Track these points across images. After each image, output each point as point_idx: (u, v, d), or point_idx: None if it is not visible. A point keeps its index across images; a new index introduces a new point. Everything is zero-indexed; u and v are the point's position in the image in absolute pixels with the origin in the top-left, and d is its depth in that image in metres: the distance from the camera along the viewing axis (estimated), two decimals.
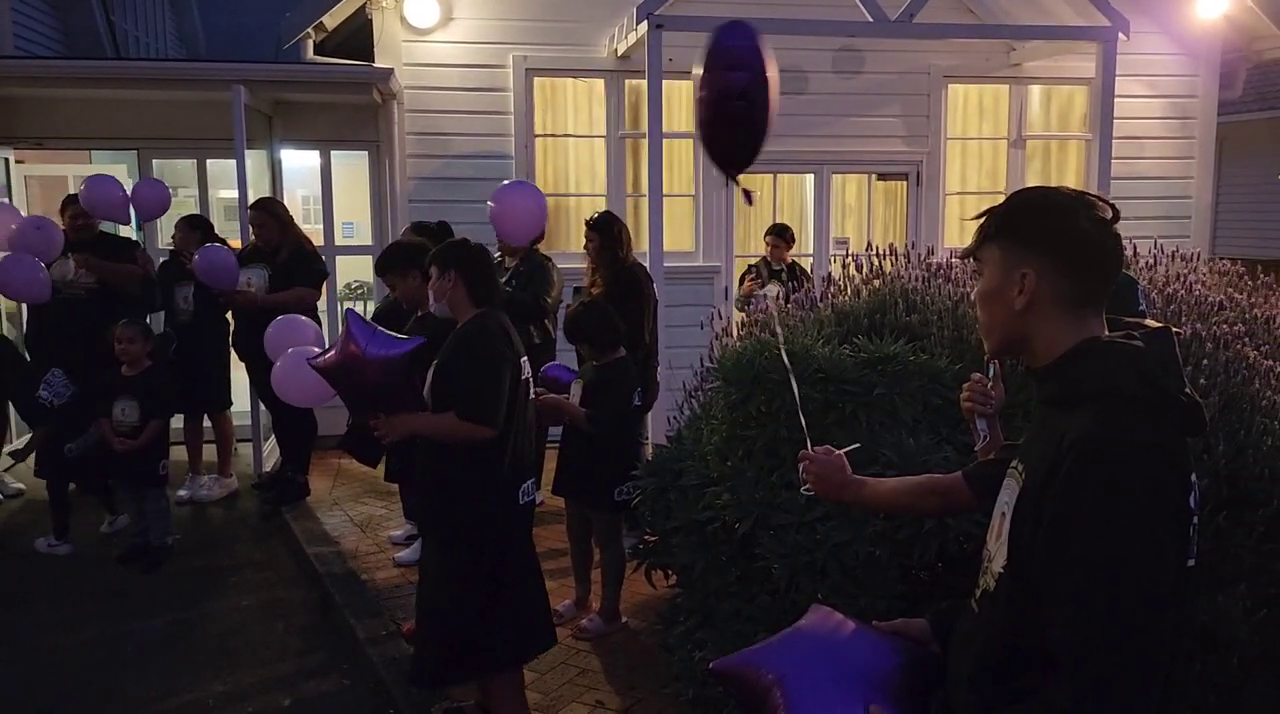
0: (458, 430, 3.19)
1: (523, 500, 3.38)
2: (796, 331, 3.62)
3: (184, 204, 8.13)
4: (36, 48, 10.16)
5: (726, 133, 2.50)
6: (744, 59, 2.42)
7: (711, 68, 2.48)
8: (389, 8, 7.15)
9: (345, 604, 4.75)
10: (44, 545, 5.53)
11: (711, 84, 2.46)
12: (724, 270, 7.83)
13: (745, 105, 2.42)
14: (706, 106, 2.48)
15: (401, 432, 3.28)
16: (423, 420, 3.25)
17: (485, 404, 3.17)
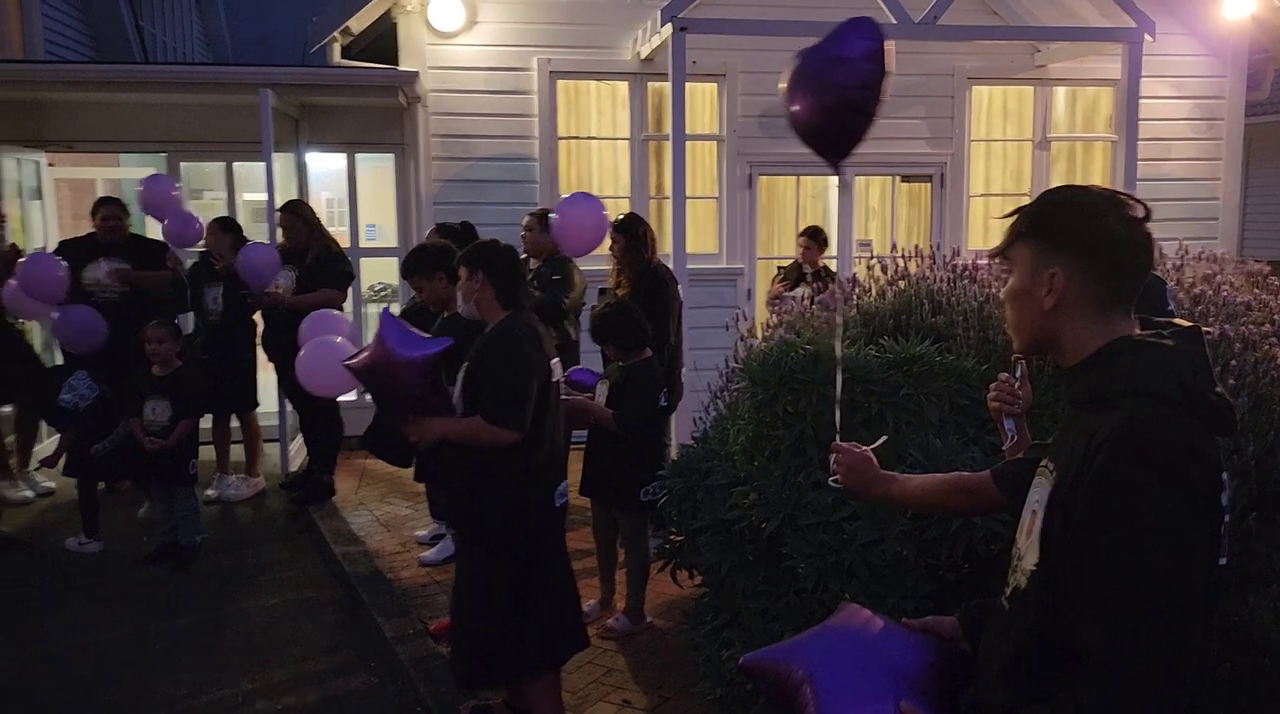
0: (484, 434, 3.20)
1: (558, 503, 3.39)
2: (822, 332, 3.63)
3: (212, 207, 8.23)
4: (66, 52, 10.32)
5: (850, 121, 2.55)
6: (875, 53, 2.48)
7: (845, 58, 2.52)
8: (414, 11, 7.21)
9: (372, 603, 4.79)
10: (74, 544, 5.60)
11: (845, 73, 2.50)
12: (747, 272, 7.84)
13: (869, 96, 2.48)
14: (832, 94, 2.52)
15: (431, 436, 3.30)
16: (450, 425, 3.27)
17: (512, 407, 3.18)
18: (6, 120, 7.12)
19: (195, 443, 5.45)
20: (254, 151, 6.63)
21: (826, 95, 2.54)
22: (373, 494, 6.45)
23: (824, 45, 2.58)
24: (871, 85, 2.49)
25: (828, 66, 2.53)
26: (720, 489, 3.42)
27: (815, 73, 2.57)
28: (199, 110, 7.39)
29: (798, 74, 2.60)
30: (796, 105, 2.60)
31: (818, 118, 2.58)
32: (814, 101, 2.57)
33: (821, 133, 2.62)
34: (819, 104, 2.56)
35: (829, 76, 2.53)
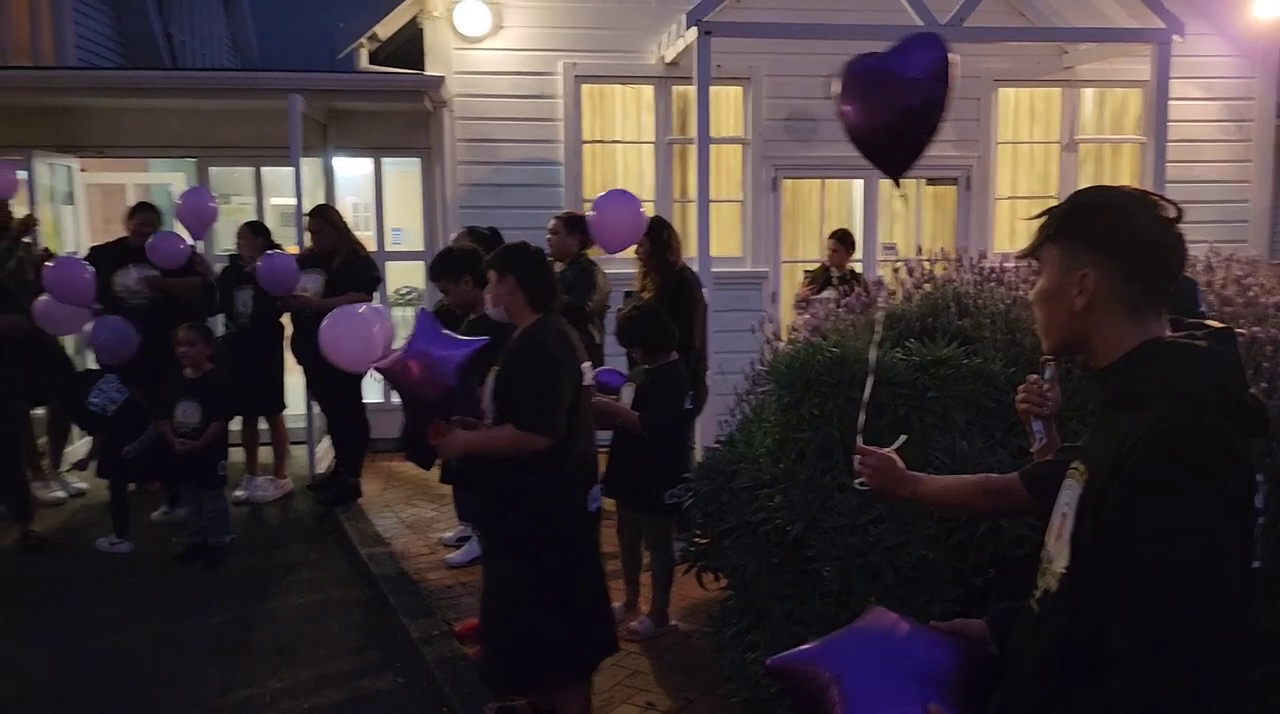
0: (516, 443, 3.16)
1: (591, 507, 3.35)
2: (848, 336, 3.63)
3: (240, 211, 8.32)
4: (97, 58, 10.47)
5: (915, 140, 2.57)
6: (941, 72, 2.50)
7: (912, 78, 2.53)
8: (440, 17, 7.27)
9: (398, 604, 4.82)
10: (105, 544, 5.68)
11: (911, 94, 2.52)
12: (771, 275, 7.83)
13: (934, 113, 2.49)
14: (897, 111, 2.53)
15: (459, 450, 3.27)
16: (475, 438, 3.25)
17: (544, 413, 3.15)
18: (40, 126, 7.24)
19: (225, 445, 5.52)
20: (282, 156, 6.70)
21: (892, 114, 2.54)
22: (398, 496, 6.50)
23: (888, 60, 2.57)
24: (937, 104, 2.50)
25: (893, 85, 2.52)
26: (746, 492, 3.42)
27: (879, 89, 2.56)
28: (228, 116, 7.47)
29: (858, 86, 2.59)
30: (857, 118, 2.60)
31: (881, 136, 2.59)
32: (878, 119, 2.57)
33: (883, 149, 2.62)
34: (883, 122, 2.55)
35: (895, 96, 2.52)
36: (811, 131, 7.73)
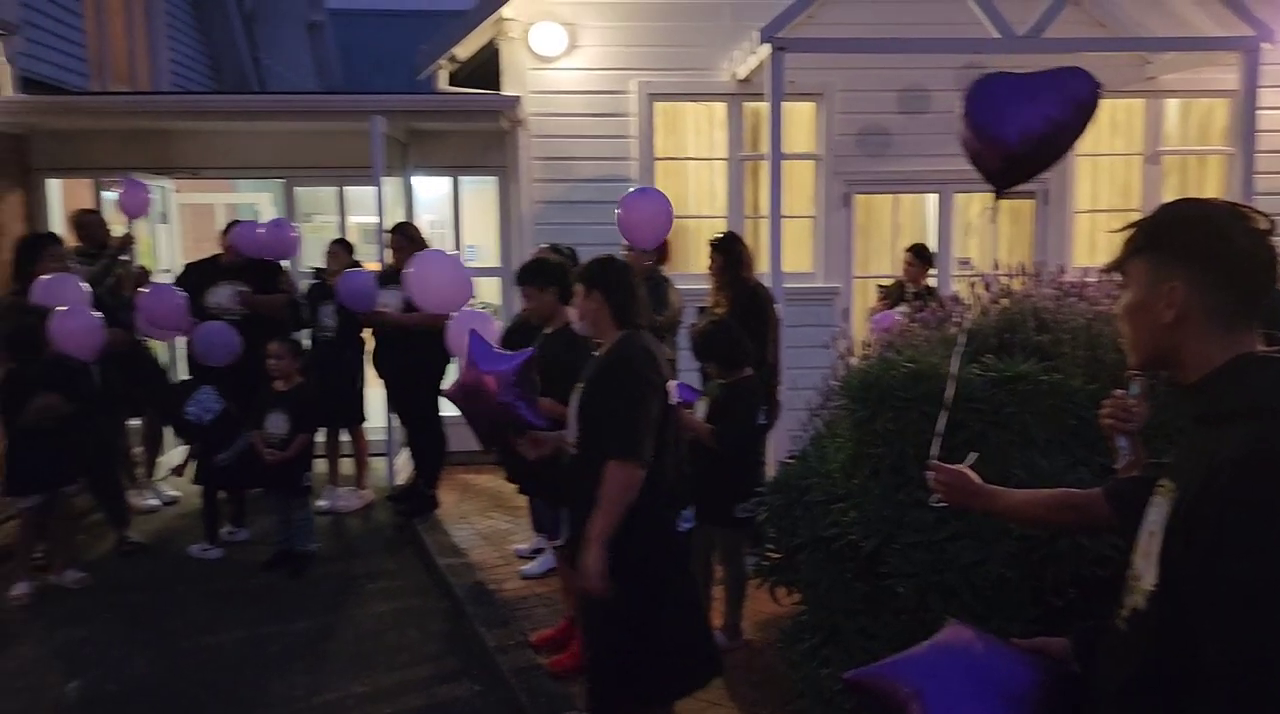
0: (620, 487, 3.07)
1: (681, 527, 3.31)
2: (922, 351, 3.61)
3: (324, 229, 8.58)
4: (189, 83, 10.91)
5: (1039, 166, 2.60)
6: (1087, 108, 2.54)
7: (1063, 102, 2.58)
8: (517, 38, 7.42)
9: (475, 614, 4.91)
10: (197, 550, 5.90)
11: (1057, 125, 2.57)
12: (844, 291, 7.79)
13: (1066, 140, 2.53)
14: (1032, 137, 2.57)
15: (597, 558, 3.08)
16: (599, 525, 3.09)
17: (633, 441, 3.10)
18: (138, 148, 7.57)
19: (310, 456, 5.70)
20: (364, 176, 6.91)
21: (1025, 145, 2.56)
22: (474, 508, 6.62)
23: (1030, 90, 2.59)
24: (1073, 135, 2.53)
25: (1033, 120, 2.55)
26: (819, 506, 3.42)
27: (1015, 118, 2.58)
28: (312, 137, 7.73)
29: (996, 109, 2.61)
30: (987, 141, 2.61)
31: (1004, 163, 2.61)
32: (1007, 148, 2.59)
33: (1001, 173, 2.65)
34: (1010, 153, 2.58)
35: (1032, 129, 2.54)
36: (884, 146, 7.70)
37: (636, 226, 5.28)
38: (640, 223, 5.28)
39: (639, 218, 5.29)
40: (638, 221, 5.28)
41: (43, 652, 4.76)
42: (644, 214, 5.29)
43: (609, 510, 3.09)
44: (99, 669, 4.55)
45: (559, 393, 3.92)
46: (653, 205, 5.34)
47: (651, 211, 5.31)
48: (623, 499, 3.10)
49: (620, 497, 3.10)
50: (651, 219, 5.28)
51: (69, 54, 8.03)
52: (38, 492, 5.34)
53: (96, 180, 7.68)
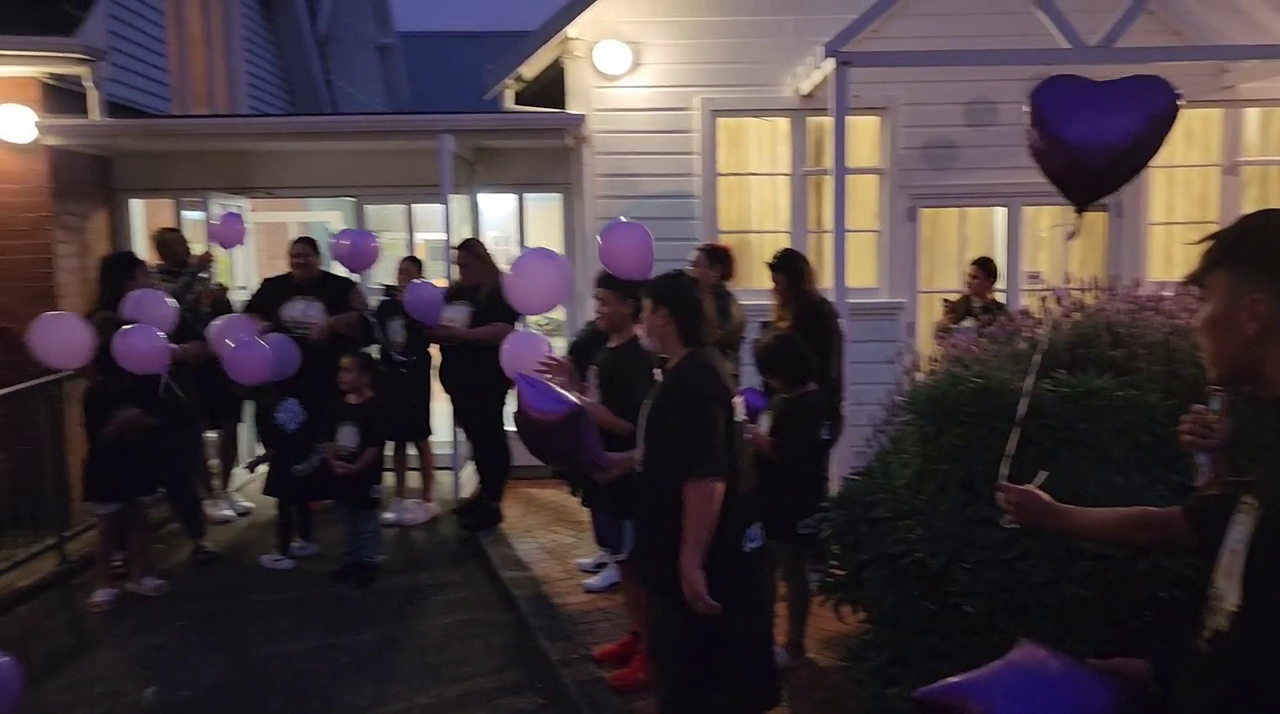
0: (702, 505, 3.06)
1: (748, 546, 3.25)
2: (991, 366, 3.56)
3: (392, 246, 8.74)
4: (266, 105, 11.24)
5: (1118, 180, 2.59)
6: (1167, 118, 2.52)
7: (1147, 114, 2.56)
8: (582, 57, 7.51)
9: (538, 627, 4.94)
10: (269, 561, 6.03)
11: (1134, 135, 2.55)
12: (909, 306, 7.70)
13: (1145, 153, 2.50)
14: (1110, 150, 2.55)
15: (697, 579, 3.06)
16: (690, 547, 3.09)
17: (705, 457, 3.09)
18: (216, 169, 7.82)
19: (379, 469, 5.80)
20: (432, 194, 7.03)
21: (1104, 160, 2.53)
22: (538, 522, 6.66)
23: (1107, 98, 2.56)
24: (1152, 147, 2.49)
25: (1144, 130, 2.52)
26: (884, 523, 3.38)
27: (1093, 132, 2.55)
28: (382, 156, 7.89)
29: (1071, 122, 2.58)
30: (1063, 155, 2.58)
31: (1083, 177, 2.58)
32: (1087, 160, 2.56)
33: (1079, 189, 2.62)
34: (1090, 166, 2.55)
35: (1133, 139, 2.52)
36: (950, 160, 7.61)
37: (618, 257, 5.10)
38: (622, 254, 5.04)
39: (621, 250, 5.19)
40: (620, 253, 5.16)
41: (121, 657, 4.91)
42: (624, 246, 5.03)
43: (696, 530, 3.08)
44: (175, 675, 4.68)
45: (622, 408, 3.95)
46: (632, 239, 5.08)
47: (631, 244, 5.05)
48: (708, 516, 3.09)
49: (704, 514, 3.09)
50: (631, 251, 5.08)
51: (152, 79, 8.33)
52: (115, 500, 5.52)
53: (176, 200, 7.94)
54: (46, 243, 6.87)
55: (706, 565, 3.11)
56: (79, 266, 7.17)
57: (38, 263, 6.84)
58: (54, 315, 5.59)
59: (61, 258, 6.97)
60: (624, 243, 5.02)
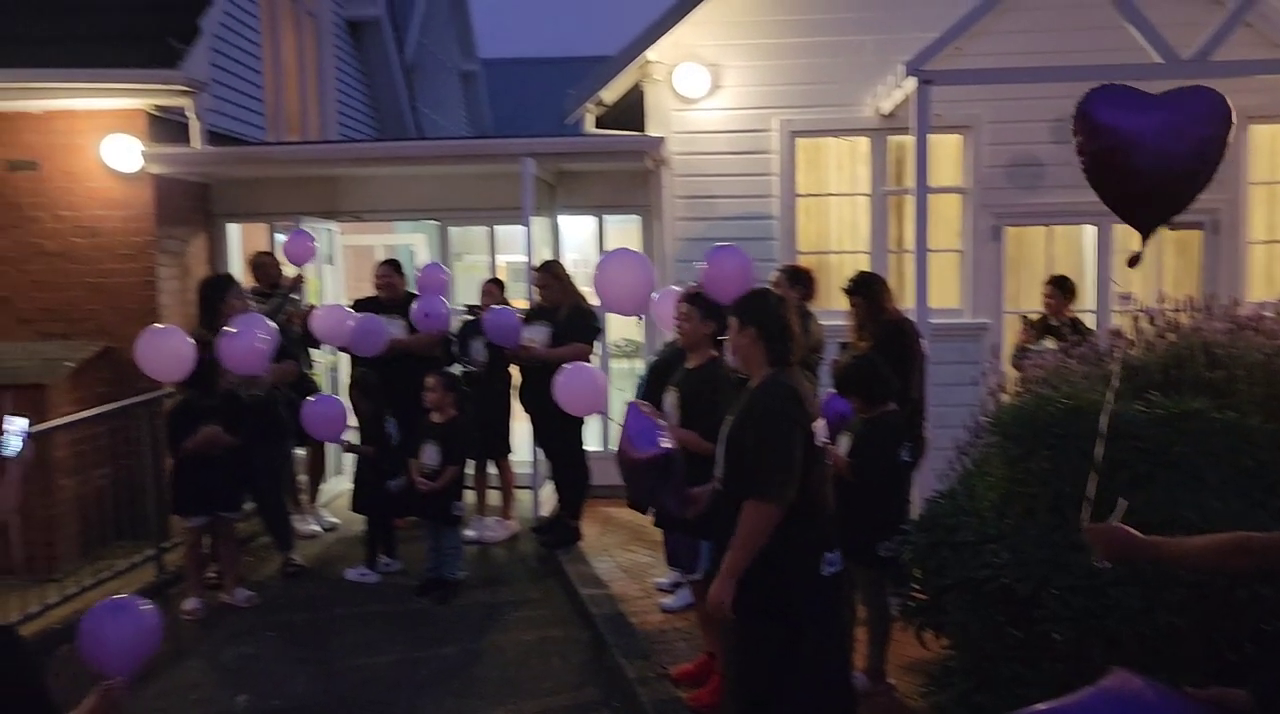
0: (755, 526, 3.09)
1: (826, 570, 3.23)
2: (1080, 387, 3.47)
3: (475, 268, 8.92)
4: (354, 132, 11.59)
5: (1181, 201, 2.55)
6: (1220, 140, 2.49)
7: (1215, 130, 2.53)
8: (661, 80, 7.59)
9: (616, 645, 4.96)
10: (354, 575, 6.17)
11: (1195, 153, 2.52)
12: (993, 327, 7.55)
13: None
14: (1180, 173, 2.52)
15: (728, 589, 3.13)
16: (731, 560, 3.15)
17: (774, 481, 3.10)
18: (307, 194, 8.09)
19: (461, 486, 5.91)
20: (514, 216, 7.16)
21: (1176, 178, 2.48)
22: (615, 541, 6.68)
23: (1169, 115, 2.52)
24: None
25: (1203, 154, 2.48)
26: (968, 547, 3.32)
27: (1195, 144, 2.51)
28: (466, 179, 8.07)
29: (1129, 151, 2.54)
30: (1123, 183, 2.54)
31: (1144, 204, 2.54)
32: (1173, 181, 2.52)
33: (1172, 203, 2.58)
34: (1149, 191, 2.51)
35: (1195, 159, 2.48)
36: (1037, 178, 7.46)
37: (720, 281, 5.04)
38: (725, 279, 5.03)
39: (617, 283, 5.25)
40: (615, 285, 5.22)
41: (213, 666, 5.07)
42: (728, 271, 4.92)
43: (742, 547, 3.12)
44: (264, 685, 4.81)
45: (703, 431, 3.96)
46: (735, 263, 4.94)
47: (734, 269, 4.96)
48: (757, 538, 3.11)
49: (755, 535, 3.11)
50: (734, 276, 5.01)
51: (248, 108, 8.67)
52: (200, 514, 5.73)
53: (270, 224, 8.23)
54: (150, 266, 7.19)
55: (785, 587, 3.12)
56: (179, 288, 7.48)
57: (141, 285, 7.16)
58: (159, 328, 5.81)
59: (163, 280, 7.28)
60: (727, 267, 5.03)
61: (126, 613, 2.83)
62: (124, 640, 2.76)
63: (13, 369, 6.51)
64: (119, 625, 2.78)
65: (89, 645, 2.75)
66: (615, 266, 5.37)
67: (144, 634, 2.81)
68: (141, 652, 2.80)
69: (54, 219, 7.16)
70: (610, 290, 5.33)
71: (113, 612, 2.82)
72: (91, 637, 2.76)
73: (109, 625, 2.77)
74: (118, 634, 2.76)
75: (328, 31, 10.74)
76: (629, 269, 5.37)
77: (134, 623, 2.81)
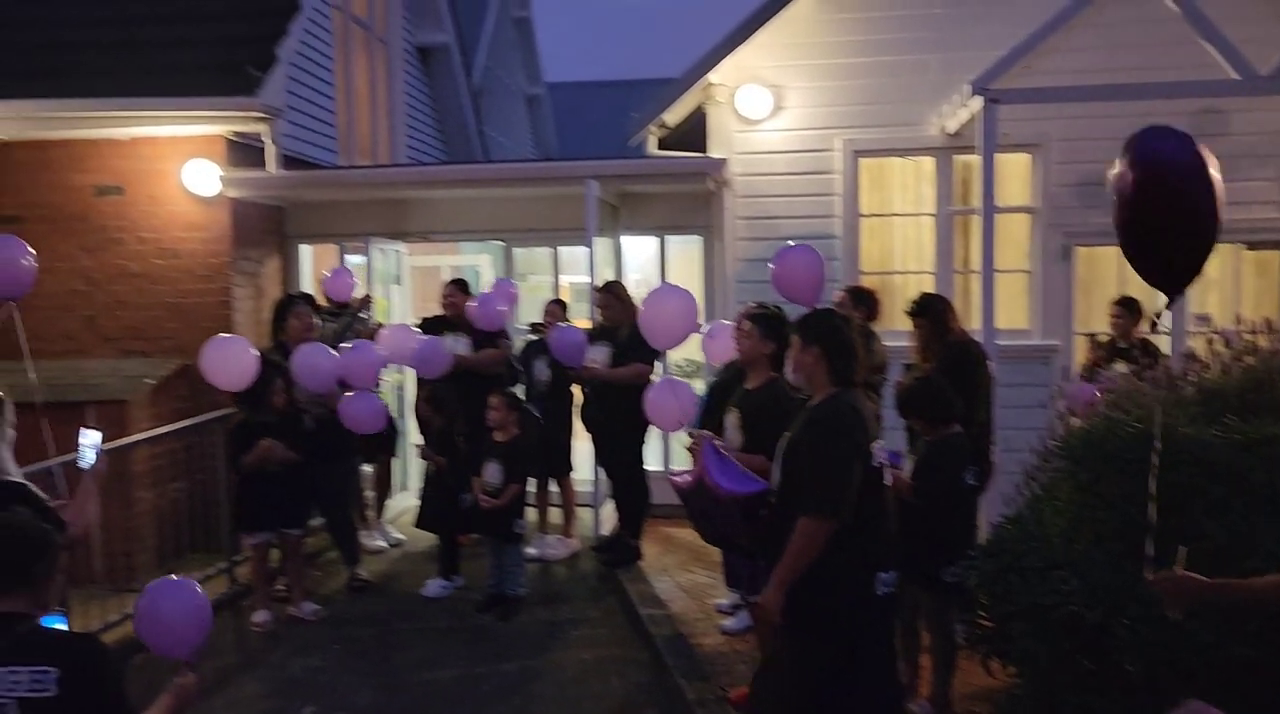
0: (806, 542, 3.12)
1: (880, 591, 3.22)
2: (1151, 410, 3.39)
3: (538, 289, 9.02)
4: (422, 155, 11.84)
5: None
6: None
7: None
8: (724, 102, 7.62)
9: (675, 666, 4.94)
10: (436, 588, 6.22)
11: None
12: (1063, 349, 7.40)
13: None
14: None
15: (776, 600, 3.17)
16: (781, 572, 3.18)
17: (827, 497, 3.12)
18: (376, 216, 8.27)
19: (523, 504, 5.96)
20: (577, 237, 7.24)
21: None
22: (676, 561, 6.68)
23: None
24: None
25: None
26: (1035, 573, 3.25)
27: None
28: (530, 201, 8.17)
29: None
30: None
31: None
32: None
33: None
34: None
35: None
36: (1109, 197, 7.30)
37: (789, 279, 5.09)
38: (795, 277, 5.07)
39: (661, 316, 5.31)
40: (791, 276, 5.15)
41: (281, 677, 5.18)
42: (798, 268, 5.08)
43: (792, 560, 3.16)
44: (330, 697, 4.90)
45: (765, 450, 3.95)
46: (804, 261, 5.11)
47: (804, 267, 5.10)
48: (807, 553, 3.14)
49: (806, 550, 3.14)
50: (804, 274, 5.07)
51: (321, 133, 8.92)
52: (262, 531, 5.86)
53: (340, 245, 8.44)
54: (226, 287, 7.42)
55: (838, 605, 3.14)
56: (253, 307, 7.70)
57: (218, 305, 7.39)
58: (223, 336, 6.04)
59: (238, 300, 7.50)
60: (798, 264, 5.05)
61: (180, 591, 2.89)
62: (178, 619, 2.82)
63: (97, 385, 6.77)
64: (173, 604, 2.84)
65: (146, 626, 2.83)
66: (655, 304, 5.40)
67: (196, 613, 2.87)
68: (196, 630, 2.86)
69: (137, 241, 7.44)
70: (653, 326, 5.41)
71: (166, 591, 2.88)
72: (148, 616, 2.83)
73: (163, 604, 2.84)
74: (172, 613, 2.83)
75: (398, 57, 11.01)
76: (669, 304, 5.39)
77: (186, 601, 2.87)
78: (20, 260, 4.47)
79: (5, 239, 4.59)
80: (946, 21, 7.37)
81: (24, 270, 4.48)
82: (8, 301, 4.50)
